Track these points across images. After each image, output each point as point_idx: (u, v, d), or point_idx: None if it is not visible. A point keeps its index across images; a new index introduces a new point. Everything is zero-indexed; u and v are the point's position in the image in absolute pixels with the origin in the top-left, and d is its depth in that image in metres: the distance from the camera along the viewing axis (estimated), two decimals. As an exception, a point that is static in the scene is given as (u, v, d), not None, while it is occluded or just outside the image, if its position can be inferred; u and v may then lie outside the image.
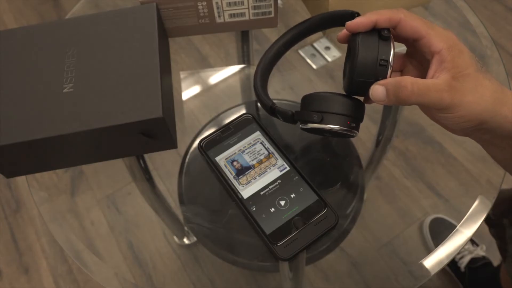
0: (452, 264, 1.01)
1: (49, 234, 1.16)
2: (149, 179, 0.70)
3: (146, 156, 0.68)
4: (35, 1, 1.65)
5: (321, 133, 0.45)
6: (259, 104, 0.77)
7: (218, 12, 0.58)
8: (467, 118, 0.37)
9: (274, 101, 0.48)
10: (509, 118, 0.36)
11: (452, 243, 0.55)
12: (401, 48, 0.43)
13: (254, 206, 0.47)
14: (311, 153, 0.68)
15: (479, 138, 0.40)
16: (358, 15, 0.43)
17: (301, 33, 0.52)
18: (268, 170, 0.49)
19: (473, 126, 0.37)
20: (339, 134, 0.42)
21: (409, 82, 0.37)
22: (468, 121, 0.37)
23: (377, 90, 0.38)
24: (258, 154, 0.51)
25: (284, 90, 0.82)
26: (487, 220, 0.76)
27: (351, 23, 0.39)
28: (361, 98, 0.43)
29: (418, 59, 0.42)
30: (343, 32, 0.42)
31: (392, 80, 0.38)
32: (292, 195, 0.47)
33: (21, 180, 1.20)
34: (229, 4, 0.57)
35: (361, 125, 0.43)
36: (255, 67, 0.53)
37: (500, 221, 0.73)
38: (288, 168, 0.49)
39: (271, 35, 0.99)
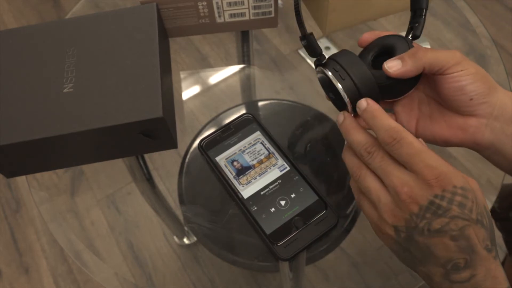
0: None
1: (49, 234, 1.16)
2: (149, 179, 0.70)
3: (146, 156, 0.68)
4: (35, 1, 1.65)
5: (328, 89, 0.43)
6: (259, 104, 0.77)
7: (218, 12, 0.58)
8: None
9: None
10: None
11: (452, 243, 0.55)
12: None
13: (254, 206, 0.47)
14: (311, 153, 0.68)
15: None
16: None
17: None
18: (268, 170, 0.49)
19: None
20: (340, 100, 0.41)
21: None
22: None
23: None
24: (258, 154, 0.51)
25: (284, 90, 0.82)
26: (492, 214, 0.76)
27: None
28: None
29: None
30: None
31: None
32: (292, 195, 0.47)
33: (21, 180, 1.20)
34: (229, 4, 0.57)
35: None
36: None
37: (506, 214, 0.73)
38: (288, 168, 0.49)
39: (271, 35, 1.00)
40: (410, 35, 0.43)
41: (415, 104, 0.43)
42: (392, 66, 0.39)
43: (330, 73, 0.40)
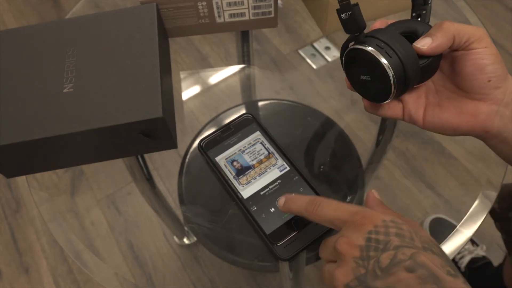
0: (452, 264, 1.01)
1: (49, 234, 1.16)
2: (149, 179, 0.71)
3: (146, 156, 0.68)
4: (35, 1, 1.65)
5: (362, 70, 0.39)
6: (259, 104, 0.77)
7: (218, 12, 0.58)
8: None
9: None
10: None
11: (452, 243, 0.55)
12: None
13: (254, 206, 0.47)
14: (311, 153, 0.68)
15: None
16: None
17: None
18: (268, 170, 0.49)
19: None
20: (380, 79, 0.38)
21: None
22: None
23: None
24: (258, 154, 0.51)
25: (284, 90, 0.83)
26: (492, 214, 0.76)
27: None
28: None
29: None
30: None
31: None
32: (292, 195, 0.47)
33: (21, 180, 1.20)
34: (229, 4, 0.57)
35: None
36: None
37: (506, 214, 0.73)
38: (288, 168, 0.49)
39: (271, 35, 1.00)
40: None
41: (422, 92, 0.43)
42: (424, 43, 0.38)
43: (372, 49, 0.37)
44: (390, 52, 0.36)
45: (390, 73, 0.37)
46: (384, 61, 0.36)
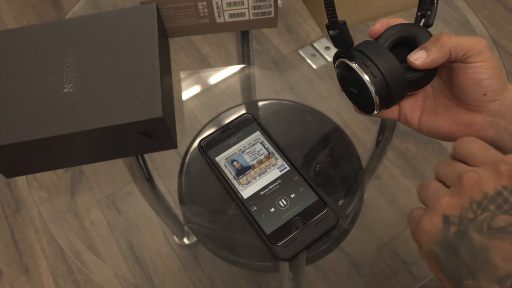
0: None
1: (49, 234, 1.16)
2: (149, 179, 0.71)
3: (146, 156, 0.68)
4: (35, 1, 1.65)
5: (350, 83, 0.40)
6: (259, 104, 0.78)
7: (218, 12, 0.58)
8: None
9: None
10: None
11: (452, 243, 0.55)
12: None
13: (254, 206, 0.47)
14: (311, 153, 0.68)
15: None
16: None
17: None
18: (268, 170, 0.49)
19: None
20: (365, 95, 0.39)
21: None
22: None
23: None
24: (258, 154, 0.51)
25: (284, 90, 0.82)
26: None
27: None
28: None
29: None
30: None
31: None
32: (292, 195, 0.47)
33: (21, 180, 1.20)
34: (229, 4, 0.57)
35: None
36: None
37: None
38: (288, 168, 0.49)
39: (271, 35, 1.00)
40: (421, 23, 0.41)
41: (419, 96, 0.42)
42: (418, 57, 0.38)
43: (357, 67, 0.37)
44: (375, 71, 0.37)
45: (373, 90, 0.37)
46: (366, 78, 0.37)
